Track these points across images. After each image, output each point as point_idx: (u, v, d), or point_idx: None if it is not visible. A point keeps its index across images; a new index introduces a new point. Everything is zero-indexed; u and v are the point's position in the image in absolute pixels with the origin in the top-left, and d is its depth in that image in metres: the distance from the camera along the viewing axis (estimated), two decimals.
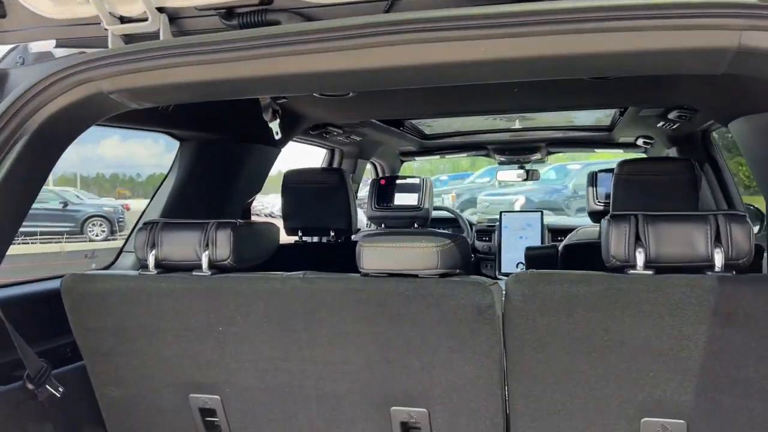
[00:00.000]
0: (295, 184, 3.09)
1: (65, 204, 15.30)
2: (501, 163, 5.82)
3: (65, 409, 1.97)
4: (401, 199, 4.54)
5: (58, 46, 1.87)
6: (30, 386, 1.86)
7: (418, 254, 1.68)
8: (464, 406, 1.74)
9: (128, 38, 1.74)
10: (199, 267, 1.85)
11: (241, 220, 1.88)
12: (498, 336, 1.66)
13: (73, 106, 1.66)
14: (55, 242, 12.93)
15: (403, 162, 5.58)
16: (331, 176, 3.11)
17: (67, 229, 14.09)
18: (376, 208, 4.52)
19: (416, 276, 1.70)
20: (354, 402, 1.82)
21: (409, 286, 1.68)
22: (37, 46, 1.88)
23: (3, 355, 1.90)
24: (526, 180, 5.79)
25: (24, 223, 1.80)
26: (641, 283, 1.55)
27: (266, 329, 1.80)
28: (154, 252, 1.88)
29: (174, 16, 1.71)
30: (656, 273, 1.57)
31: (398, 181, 4.62)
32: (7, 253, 1.78)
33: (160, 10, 1.68)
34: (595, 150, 5.39)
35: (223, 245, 1.84)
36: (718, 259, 1.53)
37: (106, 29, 1.70)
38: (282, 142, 3.41)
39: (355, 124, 3.81)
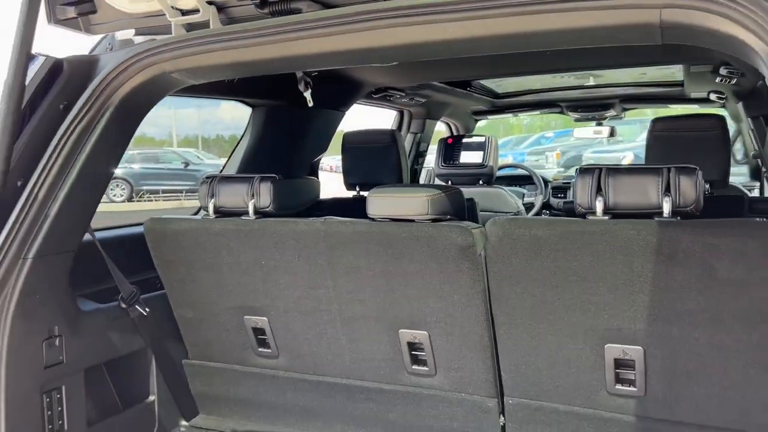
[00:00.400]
0: (352, 144, 3.46)
1: (186, 164, 16.56)
2: (576, 120, 5.89)
3: (151, 326, 2.48)
4: (466, 157, 4.80)
5: (137, 34, 2.31)
6: (123, 306, 2.37)
7: (413, 203, 2.01)
8: (456, 330, 2.07)
9: (189, 27, 2.15)
10: (246, 213, 2.27)
11: (279, 176, 2.28)
12: (480, 271, 1.96)
13: (144, 84, 2.10)
14: (175, 199, 14.12)
15: (477, 121, 5.79)
16: (383, 136, 3.44)
17: (188, 187, 15.28)
18: (442, 165, 4.81)
19: (412, 221, 2.03)
20: (369, 324, 2.20)
21: (405, 229, 2.02)
22: (121, 35, 2.33)
23: (104, 282, 2.42)
24: (611, 137, 5.84)
25: (149, 182, 2.24)
26: (595, 226, 1.80)
27: (298, 263, 2.20)
28: (212, 200, 2.32)
29: (221, 6, 2.10)
30: (612, 218, 1.81)
31: (464, 140, 4.87)
32: (134, 208, 2.25)
33: (210, 2, 2.07)
34: (669, 106, 5.35)
35: (265, 195, 2.25)
36: (666, 207, 1.75)
37: (169, 20, 2.11)
38: (345, 106, 3.78)
39: (416, 87, 4.10)
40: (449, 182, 4.93)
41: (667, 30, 1.53)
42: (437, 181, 5.35)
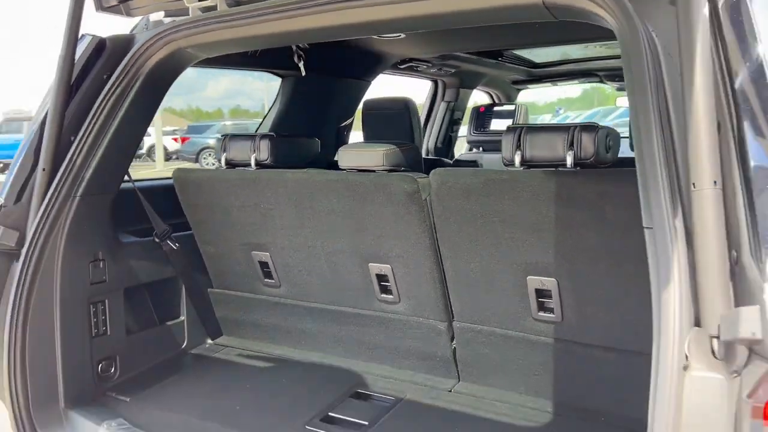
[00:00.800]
0: (370, 110, 3.87)
1: None
2: (618, 89, 6.02)
3: (181, 259, 3.00)
4: (496, 124, 5.10)
5: (166, 16, 2.80)
6: (156, 240, 2.91)
7: (371, 156, 2.41)
8: (411, 263, 2.47)
9: (205, 9, 2.61)
10: (249, 165, 2.74)
11: (275, 133, 2.72)
12: (426, 213, 2.34)
13: (166, 58, 2.58)
14: None
15: (519, 90, 6.02)
16: (397, 104, 3.82)
17: None
18: (474, 133, 5.13)
19: (373, 171, 2.43)
20: (346, 258, 2.63)
21: (367, 177, 2.42)
22: (154, 17, 2.83)
23: (143, 222, 2.95)
24: None
25: None
26: (511, 175, 2.14)
27: (287, 206, 2.65)
28: (224, 154, 2.81)
29: None
30: (528, 168, 2.14)
31: (495, 108, 5.16)
32: None
33: None
34: None
35: (264, 150, 2.71)
36: (569, 159, 2.06)
37: (187, 5, 2.58)
38: (370, 76, 4.17)
39: (441, 57, 4.42)
40: (480, 148, 5.24)
41: (554, 9, 1.84)
42: (471, 149, 5.64)
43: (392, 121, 3.82)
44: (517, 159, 2.15)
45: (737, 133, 1.37)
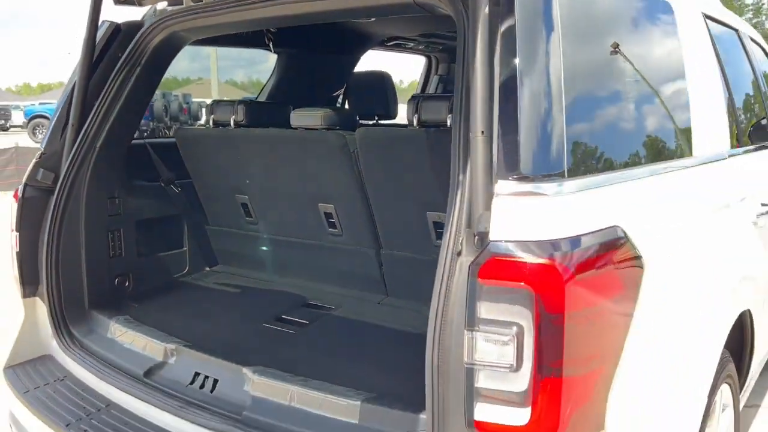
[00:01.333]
0: (353, 82, 4.51)
1: None
2: None
3: (183, 201, 3.76)
4: None
5: (169, 5, 3.52)
6: (162, 185, 3.67)
7: (312, 117, 3.08)
8: (348, 203, 3.15)
9: (195, 0, 3.31)
10: (230, 125, 3.45)
11: (252, 100, 3.42)
12: (354, 162, 3.00)
13: (164, 39, 3.29)
14: None
15: None
16: (376, 76, 4.44)
17: None
18: None
19: (316, 129, 3.10)
20: (302, 200, 3.32)
21: (311, 134, 3.10)
22: (160, 5, 3.55)
23: (150, 170, 3.71)
24: None
25: None
26: (411, 132, 2.77)
27: (255, 157, 3.36)
28: (212, 116, 3.53)
29: None
30: (422, 128, 2.77)
31: None
32: None
33: None
34: None
35: (240, 113, 3.41)
36: (449, 121, 2.68)
37: None
38: (358, 53, 4.81)
39: (425, 36, 5.01)
40: None
41: (424, 6, 2.44)
42: None
43: (372, 92, 4.44)
44: (415, 120, 2.78)
45: (499, 99, 1.97)
